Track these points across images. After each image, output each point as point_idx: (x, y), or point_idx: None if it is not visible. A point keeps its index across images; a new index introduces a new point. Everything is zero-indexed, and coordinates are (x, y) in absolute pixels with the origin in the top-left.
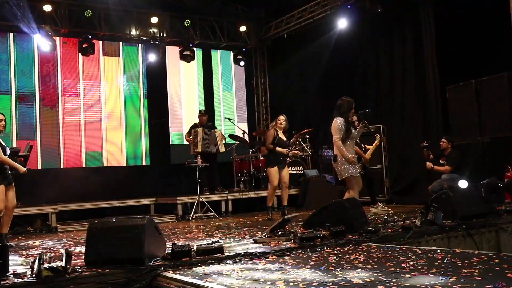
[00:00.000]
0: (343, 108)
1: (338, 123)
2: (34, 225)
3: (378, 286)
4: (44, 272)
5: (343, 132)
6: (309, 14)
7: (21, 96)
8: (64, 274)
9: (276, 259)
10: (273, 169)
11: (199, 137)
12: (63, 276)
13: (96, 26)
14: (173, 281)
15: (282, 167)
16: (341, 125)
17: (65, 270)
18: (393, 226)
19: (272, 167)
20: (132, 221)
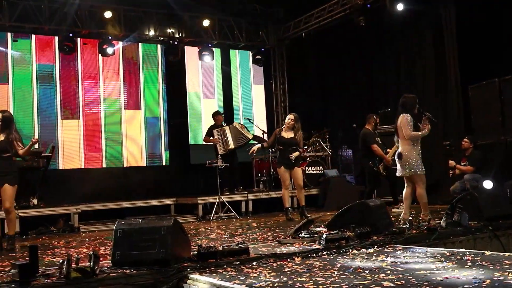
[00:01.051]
0: (408, 104)
1: (407, 118)
2: (57, 225)
3: None
4: (73, 273)
5: (412, 127)
6: (328, 13)
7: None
8: (92, 275)
9: (302, 261)
10: (280, 169)
11: (228, 134)
12: (91, 277)
13: (116, 27)
14: (200, 283)
15: (291, 167)
16: (410, 121)
17: (93, 271)
18: (418, 227)
19: (279, 167)
20: (158, 222)
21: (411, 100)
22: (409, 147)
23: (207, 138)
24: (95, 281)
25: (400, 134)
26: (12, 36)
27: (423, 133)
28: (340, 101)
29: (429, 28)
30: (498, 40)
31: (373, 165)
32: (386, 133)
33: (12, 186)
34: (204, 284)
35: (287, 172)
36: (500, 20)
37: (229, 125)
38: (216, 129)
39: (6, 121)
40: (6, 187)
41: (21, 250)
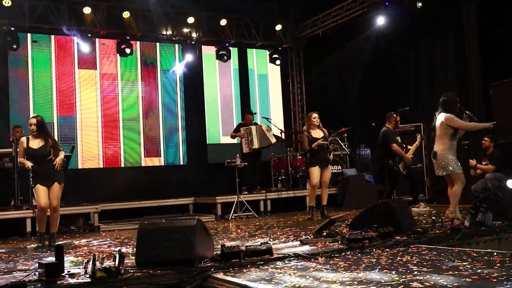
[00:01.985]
0: (448, 103)
1: (452, 117)
2: (77, 224)
3: None
4: (98, 272)
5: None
6: (346, 11)
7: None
8: (117, 275)
9: (326, 261)
10: (315, 168)
11: (253, 133)
12: (116, 277)
13: (134, 27)
14: (225, 283)
15: (325, 167)
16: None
17: (118, 270)
18: (441, 227)
19: (314, 166)
20: (182, 222)
21: (452, 99)
22: (443, 147)
23: (234, 134)
24: (120, 281)
25: (437, 133)
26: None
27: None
28: (358, 100)
29: (450, 26)
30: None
31: (393, 164)
32: (405, 132)
33: (60, 185)
34: (230, 284)
35: (319, 171)
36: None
37: (256, 125)
38: (244, 127)
39: (40, 125)
40: (55, 186)
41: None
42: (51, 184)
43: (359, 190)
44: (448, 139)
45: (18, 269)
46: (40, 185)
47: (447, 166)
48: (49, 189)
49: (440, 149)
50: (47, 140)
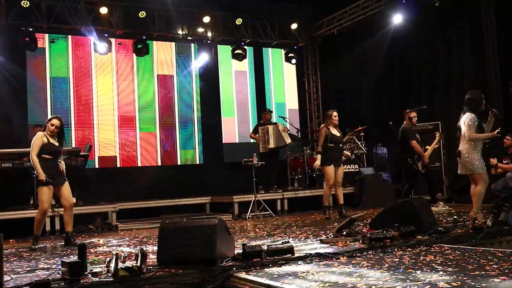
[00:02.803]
0: (474, 102)
1: (471, 119)
2: (95, 224)
3: None
4: (121, 271)
5: (476, 128)
6: (362, 10)
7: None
8: (140, 274)
9: (348, 260)
10: (330, 168)
11: (270, 133)
12: (139, 276)
13: (150, 27)
14: (248, 282)
15: (338, 165)
16: (474, 121)
17: (140, 270)
18: (463, 226)
19: (329, 165)
20: (203, 221)
21: (477, 97)
22: (468, 146)
23: (252, 134)
24: (142, 280)
25: (462, 132)
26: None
27: (485, 136)
28: (374, 99)
29: (467, 23)
30: None
31: (412, 162)
32: (423, 131)
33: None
34: (252, 284)
35: (334, 170)
36: None
37: (274, 125)
38: (261, 126)
39: (62, 127)
40: (65, 184)
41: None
42: (61, 183)
43: (376, 189)
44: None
45: (40, 267)
46: (47, 186)
47: (471, 166)
48: (60, 189)
49: (464, 148)
50: (61, 142)
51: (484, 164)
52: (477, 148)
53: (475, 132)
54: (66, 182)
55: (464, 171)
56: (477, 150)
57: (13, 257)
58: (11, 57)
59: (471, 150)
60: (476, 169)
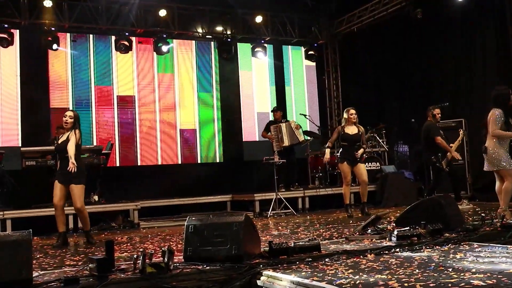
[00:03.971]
0: (500, 98)
1: (497, 115)
2: (116, 221)
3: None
4: (148, 268)
5: (502, 124)
6: (383, 6)
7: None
8: (167, 270)
9: (376, 258)
10: (343, 165)
11: (284, 131)
12: (166, 272)
13: (170, 25)
14: (276, 280)
15: (355, 164)
16: (499, 117)
17: (167, 266)
18: (490, 224)
19: (342, 162)
20: (229, 218)
21: (504, 92)
22: (494, 142)
23: (264, 133)
24: (169, 277)
25: (488, 128)
26: (71, 37)
27: (509, 135)
28: (395, 96)
29: (492, 21)
30: None
31: (436, 160)
32: (446, 128)
33: (77, 185)
34: (281, 281)
35: (349, 168)
36: None
37: (286, 122)
38: (273, 125)
39: (75, 119)
40: (73, 187)
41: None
42: (68, 183)
43: (398, 187)
44: None
45: (66, 264)
46: (56, 182)
47: (498, 162)
48: (69, 189)
49: (491, 144)
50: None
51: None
52: (504, 144)
53: (500, 129)
54: (73, 185)
55: (490, 167)
56: (504, 146)
57: (38, 254)
58: (34, 56)
59: (497, 146)
60: (503, 165)
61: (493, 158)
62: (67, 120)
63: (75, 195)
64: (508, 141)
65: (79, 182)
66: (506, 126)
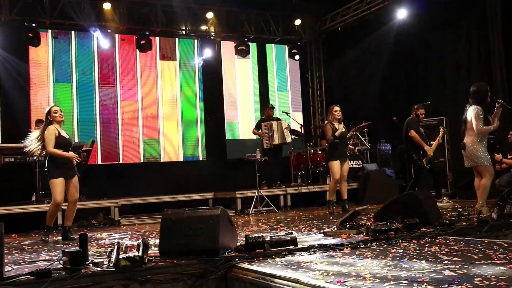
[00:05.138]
0: (480, 95)
1: (478, 112)
2: (97, 219)
3: (475, 278)
4: (122, 261)
5: (482, 121)
6: (366, 5)
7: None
8: (141, 264)
9: (352, 251)
10: (336, 163)
11: (275, 129)
12: (140, 265)
13: (153, 23)
14: (250, 272)
15: (344, 160)
16: (481, 114)
17: (142, 259)
18: (467, 219)
19: (335, 160)
20: (206, 212)
21: (483, 89)
22: (473, 139)
23: (255, 130)
24: (144, 270)
25: (468, 125)
26: (53, 33)
27: (492, 128)
28: (378, 95)
29: (473, 18)
30: None
31: (417, 158)
32: (428, 126)
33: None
34: (255, 274)
35: (340, 165)
36: None
37: (277, 121)
38: (264, 122)
39: None
40: (75, 178)
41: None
42: (73, 175)
43: (380, 185)
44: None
45: (41, 259)
46: (61, 178)
47: (476, 158)
48: (70, 182)
49: (470, 141)
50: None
51: (489, 157)
52: (482, 140)
53: (481, 125)
54: (76, 176)
55: (469, 164)
56: (482, 143)
57: (14, 250)
58: (14, 52)
59: (476, 143)
60: (481, 162)
61: (472, 155)
62: (61, 113)
63: (77, 186)
64: (487, 138)
65: (77, 173)
66: (485, 122)
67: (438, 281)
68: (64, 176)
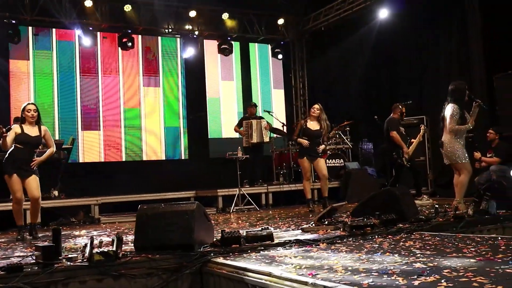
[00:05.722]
0: (457, 93)
1: (454, 111)
2: (77, 217)
3: (444, 270)
4: (96, 256)
5: (458, 119)
6: (348, 5)
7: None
8: (115, 258)
9: (327, 246)
10: (303, 160)
11: (254, 128)
12: (114, 260)
13: (135, 21)
14: (224, 267)
15: (314, 159)
16: (456, 113)
17: (116, 254)
18: (444, 215)
19: (301, 158)
20: (181, 207)
21: (461, 87)
22: (450, 136)
23: (236, 128)
24: (118, 265)
25: (445, 123)
26: (34, 31)
27: (466, 127)
28: (361, 94)
29: (453, 18)
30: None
31: (397, 156)
32: (408, 125)
33: (37, 176)
34: (229, 268)
35: (309, 163)
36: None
37: (257, 120)
38: (246, 120)
39: (39, 113)
40: (33, 178)
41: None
42: (28, 176)
43: (361, 184)
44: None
45: (16, 255)
46: (14, 175)
47: (453, 155)
48: (26, 181)
49: (447, 139)
50: (40, 130)
51: (467, 154)
52: (460, 138)
53: (457, 123)
54: (33, 176)
55: (446, 161)
56: (460, 141)
57: None
58: None
59: (453, 141)
60: (459, 159)
61: (449, 152)
62: (33, 114)
63: (35, 184)
64: (464, 135)
65: (38, 173)
66: (462, 120)
67: (408, 273)
68: (17, 173)
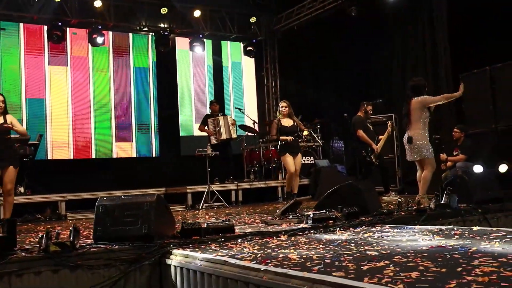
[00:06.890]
0: (418, 88)
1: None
2: (44, 214)
3: (395, 256)
4: (52, 247)
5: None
6: (320, 3)
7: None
8: (72, 249)
9: (287, 238)
10: (286, 156)
11: (221, 124)
12: (71, 251)
13: (106, 17)
14: (182, 257)
15: (295, 155)
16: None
17: (73, 245)
18: (407, 209)
19: (283, 154)
20: (141, 198)
21: (420, 83)
22: (419, 131)
23: (202, 127)
24: (75, 256)
25: (412, 118)
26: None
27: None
28: (332, 93)
29: (423, 17)
30: (489, 29)
31: (366, 154)
32: (377, 123)
33: (15, 168)
34: (186, 257)
35: (292, 158)
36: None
37: (223, 116)
38: (211, 118)
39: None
40: (10, 169)
41: None
42: (6, 166)
43: (331, 181)
44: (422, 124)
45: None
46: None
47: (421, 151)
48: (2, 172)
49: (415, 134)
50: (5, 118)
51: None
52: (426, 133)
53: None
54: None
55: (413, 157)
56: (426, 135)
57: None
58: None
59: (421, 136)
60: (426, 155)
61: (418, 147)
62: (1, 105)
63: (10, 176)
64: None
65: (16, 165)
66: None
67: (359, 259)
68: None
